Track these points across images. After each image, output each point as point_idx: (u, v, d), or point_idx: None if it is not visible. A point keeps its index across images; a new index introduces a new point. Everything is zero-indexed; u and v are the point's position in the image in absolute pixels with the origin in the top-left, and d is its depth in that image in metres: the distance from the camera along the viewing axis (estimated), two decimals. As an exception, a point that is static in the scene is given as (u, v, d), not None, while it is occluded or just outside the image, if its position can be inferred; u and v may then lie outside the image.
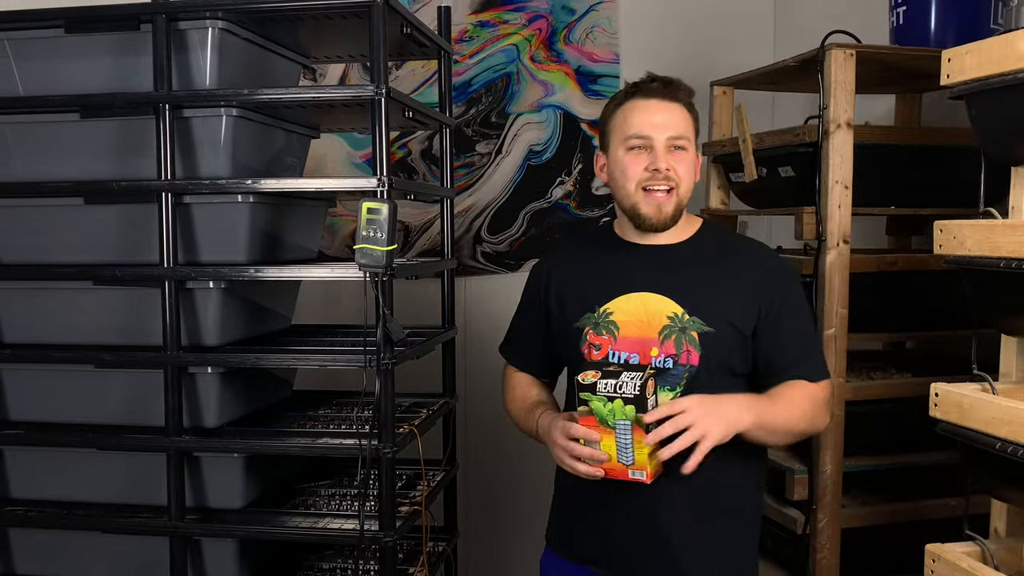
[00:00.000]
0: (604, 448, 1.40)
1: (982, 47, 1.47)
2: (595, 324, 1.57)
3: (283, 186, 1.76)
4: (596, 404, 1.40)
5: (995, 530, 1.62)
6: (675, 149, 1.54)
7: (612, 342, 1.55)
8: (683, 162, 1.54)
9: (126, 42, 1.73)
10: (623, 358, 1.54)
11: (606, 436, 1.40)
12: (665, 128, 1.53)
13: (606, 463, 1.41)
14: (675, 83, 1.57)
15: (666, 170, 1.52)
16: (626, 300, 1.56)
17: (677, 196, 1.55)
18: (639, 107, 1.56)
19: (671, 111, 1.55)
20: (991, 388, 1.53)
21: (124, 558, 1.85)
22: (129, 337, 1.82)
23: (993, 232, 1.46)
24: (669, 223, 1.56)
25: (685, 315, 1.52)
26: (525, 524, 2.91)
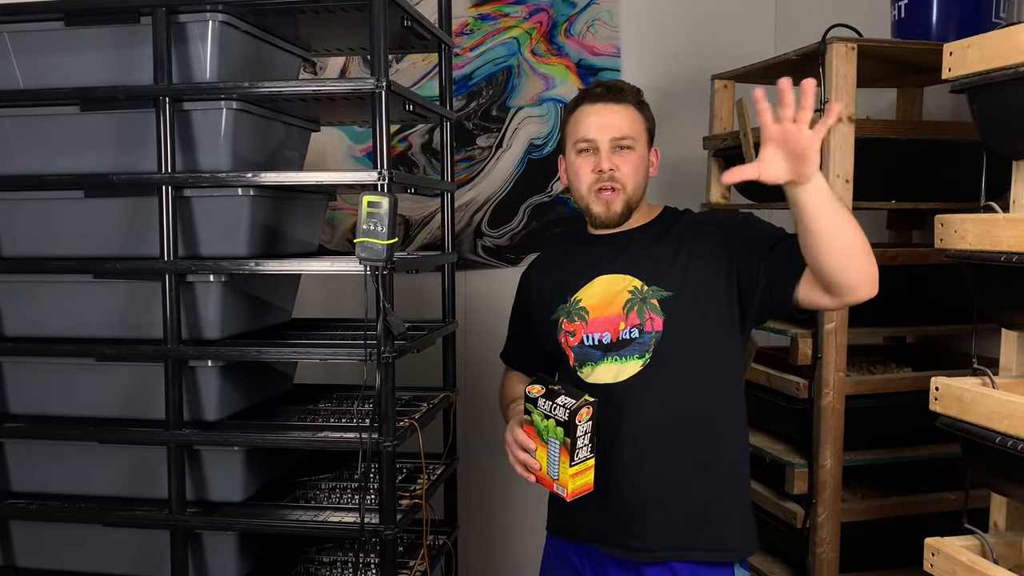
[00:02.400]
0: (538, 458, 1.50)
1: (984, 41, 1.46)
2: (567, 313, 1.66)
3: (283, 179, 1.75)
4: (536, 417, 1.49)
5: (995, 524, 1.63)
6: (620, 149, 1.62)
7: (584, 327, 1.63)
8: (628, 162, 1.62)
9: (126, 35, 1.73)
10: (596, 339, 1.61)
11: (541, 448, 1.49)
12: (608, 129, 1.61)
13: (538, 471, 1.51)
14: (619, 86, 1.67)
15: (610, 170, 1.60)
16: (591, 286, 1.65)
17: (625, 194, 1.62)
18: (586, 112, 1.64)
19: (615, 113, 1.63)
20: (991, 382, 1.53)
21: (125, 551, 1.85)
22: (130, 330, 1.82)
23: (994, 226, 1.46)
24: (620, 219, 1.64)
25: (644, 286, 1.60)
26: (525, 517, 2.92)
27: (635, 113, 1.65)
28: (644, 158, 1.66)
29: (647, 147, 1.67)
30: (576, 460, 1.46)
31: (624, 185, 1.62)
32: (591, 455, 1.48)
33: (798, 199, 1.37)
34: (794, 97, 1.29)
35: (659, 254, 1.63)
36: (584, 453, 1.47)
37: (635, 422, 1.57)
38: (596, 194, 1.63)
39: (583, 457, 1.47)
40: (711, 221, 1.71)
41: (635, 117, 1.65)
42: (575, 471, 1.46)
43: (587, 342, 1.62)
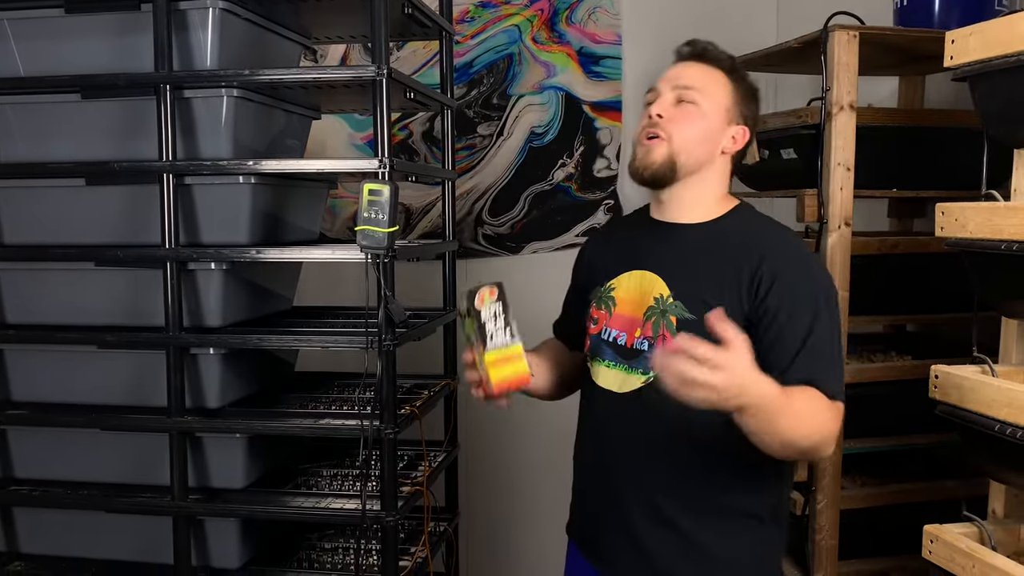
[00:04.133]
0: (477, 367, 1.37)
1: (986, 29, 1.46)
2: (599, 298, 1.54)
3: (284, 167, 1.75)
4: (466, 328, 1.38)
5: (993, 511, 1.64)
6: (680, 102, 1.44)
7: (607, 318, 1.51)
8: (684, 113, 1.44)
9: (127, 22, 1.73)
10: (612, 336, 1.50)
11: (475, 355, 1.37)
12: (675, 79, 1.47)
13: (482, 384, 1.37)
14: (709, 47, 1.50)
15: (657, 115, 1.44)
16: (628, 276, 1.50)
17: (669, 147, 1.43)
18: (670, 69, 1.51)
19: (688, 67, 1.48)
20: (991, 370, 1.54)
21: (128, 537, 1.86)
22: (131, 318, 1.82)
23: (995, 215, 1.46)
24: (658, 174, 1.44)
25: (669, 298, 1.43)
26: (526, 504, 2.93)
27: (716, 75, 1.47)
28: (709, 121, 1.44)
29: (723, 115, 1.46)
30: (491, 346, 1.33)
31: (671, 136, 1.43)
32: (511, 340, 1.34)
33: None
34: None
35: (702, 268, 1.42)
36: (500, 338, 1.33)
37: (630, 440, 1.45)
38: (640, 146, 1.46)
39: (499, 343, 1.33)
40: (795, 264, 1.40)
41: (713, 78, 1.46)
42: (493, 358, 1.33)
43: (603, 336, 1.51)
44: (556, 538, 1.74)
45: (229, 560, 1.82)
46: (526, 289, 2.90)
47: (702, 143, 1.45)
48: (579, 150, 2.90)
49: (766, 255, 1.39)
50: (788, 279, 1.37)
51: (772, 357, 1.32)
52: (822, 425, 1.30)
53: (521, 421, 2.89)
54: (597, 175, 2.91)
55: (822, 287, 1.40)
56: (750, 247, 1.41)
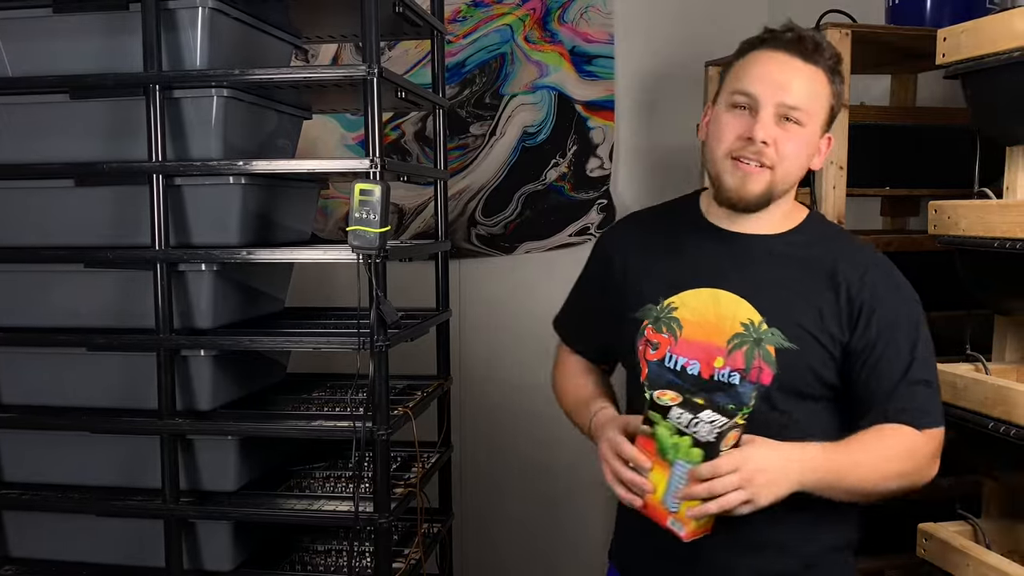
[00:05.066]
0: (653, 480, 1.20)
1: (978, 26, 1.46)
2: (656, 319, 1.34)
3: (275, 167, 1.74)
4: (662, 430, 1.19)
5: (987, 509, 1.64)
6: (786, 120, 1.26)
7: (672, 343, 1.33)
8: (792, 138, 1.27)
9: (115, 22, 1.71)
10: (680, 365, 1.31)
11: (659, 468, 1.19)
12: (779, 91, 1.26)
13: (649, 496, 1.21)
14: (818, 41, 1.30)
15: (763, 143, 1.25)
16: (695, 295, 1.32)
17: (772, 176, 1.28)
18: (761, 59, 1.29)
19: (798, 72, 1.27)
20: (984, 368, 1.54)
21: (119, 541, 1.85)
22: (121, 320, 1.81)
23: (987, 212, 1.46)
24: (755, 204, 1.30)
25: (763, 324, 1.28)
26: (520, 505, 2.93)
27: (824, 82, 1.29)
28: (812, 141, 1.30)
29: (822, 129, 1.31)
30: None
31: (776, 164, 1.27)
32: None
33: None
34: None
35: (797, 291, 1.30)
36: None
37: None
38: (734, 163, 1.28)
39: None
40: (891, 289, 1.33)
41: (822, 87, 1.29)
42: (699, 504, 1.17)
43: (668, 363, 1.32)
44: (549, 539, 1.73)
45: (221, 563, 1.81)
46: (520, 289, 2.92)
47: (802, 167, 1.32)
48: (572, 150, 2.89)
49: (864, 279, 1.30)
50: (889, 305, 1.29)
51: (872, 387, 1.27)
52: (904, 463, 1.27)
53: (514, 422, 2.88)
54: (590, 174, 2.90)
55: (917, 309, 1.33)
56: (843, 268, 1.31)
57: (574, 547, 2.85)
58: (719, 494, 1.14)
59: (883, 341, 1.27)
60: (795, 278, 1.31)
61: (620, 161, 2.92)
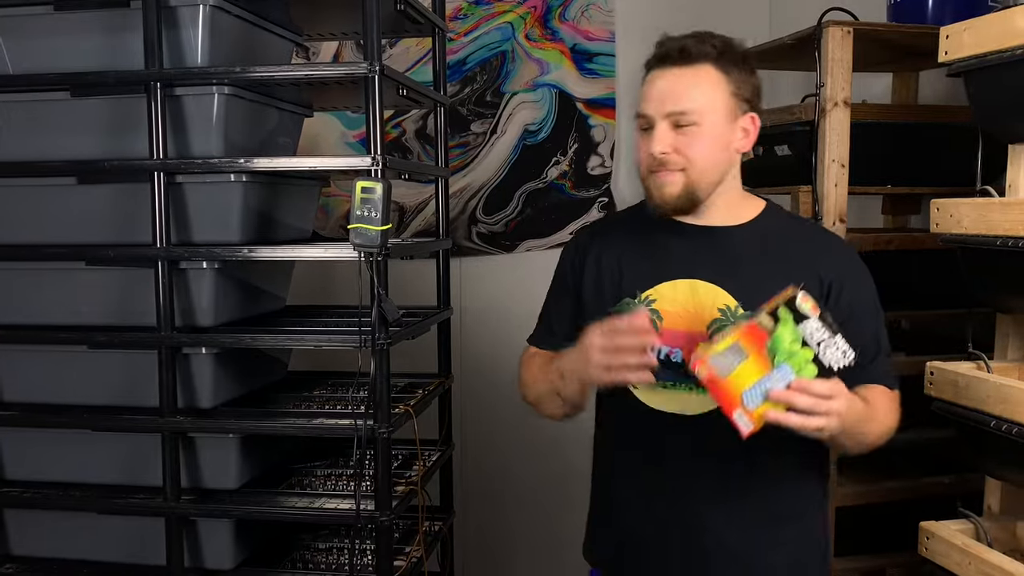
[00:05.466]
0: (742, 371, 1.16)
1: (980, 24, 1.46)
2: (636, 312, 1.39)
3: (276, 165, 1.74)
4: (785, 332, 1.16)
5: (988, 507, 1.64)
6: (680, 126, 1.32)
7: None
8: (692, 140, 1.32)
9: (116, 19, 1.71)
10: (663, 353, 1.35)
11: (758, 362, 1.16)
12: (662, 103, 1.33)
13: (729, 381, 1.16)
14: (685, 46, 1.34)
15: (662, 153, 1.33)
16: (672, 287, 1.37)
17: (686, 176, 1.34)
18: (650, 80, 1.37)
19: (677, 80, 1.33)
20: (986, 367, 1.54)
21: (120, 538, 1.85)
22: (123, 318, 1.81)
23: (990, 210, 1.46)
24: (676, 205, 1.36)
25: (739, 309, 1.34)
26: (520, 503, 2.93)
27: (711, 74, 1.33)
28: (718, 134, 1.34)
29: (729, 116, 1.35)
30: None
31: (685, 167, 1.33)
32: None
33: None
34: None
35: (768, 275, 1.33)
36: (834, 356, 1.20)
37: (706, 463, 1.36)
38: (652, 176, 1.36)
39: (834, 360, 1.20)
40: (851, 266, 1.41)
41: (709, 81, 1.33)
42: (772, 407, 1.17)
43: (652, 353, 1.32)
44: (550, 537, 1.73)
45: (223, 561, 1.81)
46: (520, 287, 2.91)
47: (718, 160, 1.36)
48: (573, 148, 2.89)
49: (829, 260, 1.39)
50: (854, 284, 1.39)
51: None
52: (891, 419, 1.37)
53: (515, 420, 2.88)
54: (591, 172, 2.90)
55: (874, 285, 1.44)
56: (809, 252, 1.40)
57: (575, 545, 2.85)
58: (815, 412, 1.17)
59: (853, 317, 1.34)
60: (764, 263, 1.38)
61: (621, 159, 2.92)
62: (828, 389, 1.18)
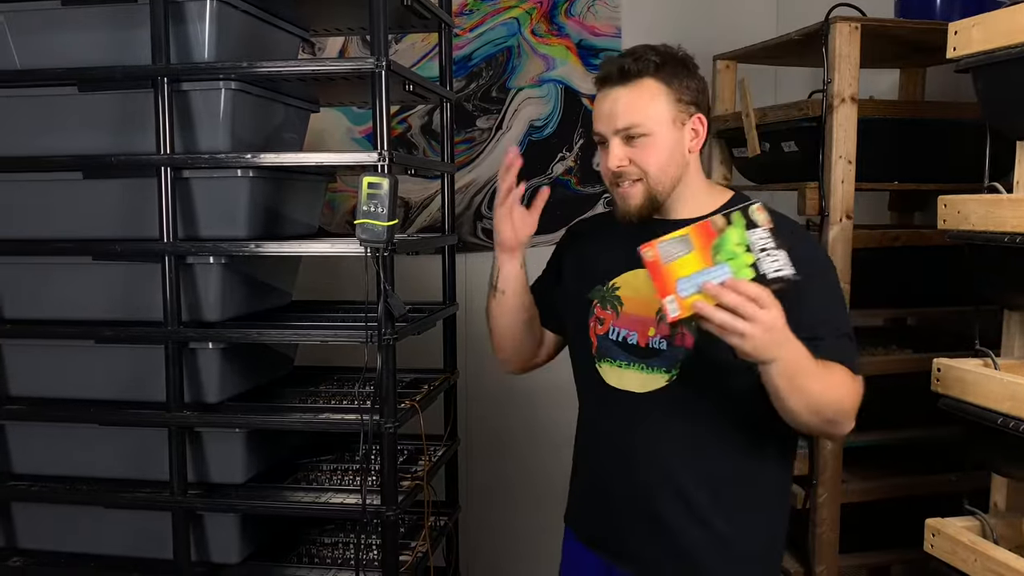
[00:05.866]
0: (684, 261, 1.23)
1: (989, 19, 1.46)
2: (602, 298, 1.53)
3: (283, 160, 1.74)
4: (733, 234, 1.21)
5: (995, 505, 1.63)
6: (630, 139, 1.43)
7: (614, 318, 1.51)
8: (644, 149, 1.42)
9: (123, 14, 1.71)
10: (622, 336, 1.49)
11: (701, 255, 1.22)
12: (611, 121, 1.44)
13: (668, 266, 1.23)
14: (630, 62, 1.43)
15: (618, 166, 1.43)
16: (634, 275, 1.48)
17: (645, 184, 1.44)
18: (598, 100, 1.48)
19: (618, 98, 1.43)
20: (993, 364, 1.53)
21: (127, 532, 1.85)
22: (129, 313, 1.81)
23: (998, 207, 1.45)
24: (641, 213, 1.46)
25: None
26: (526, 498, 2.93)
27: (652, 88, 1.42)
28: (666, 139, 1.43)
29: (676, 122, 1.44)
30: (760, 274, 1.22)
31: (642, 176, 1.44)
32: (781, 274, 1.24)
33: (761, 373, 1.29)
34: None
35: None
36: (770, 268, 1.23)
37: (658, 438, 1.46)
38: (615, 190, 1.48)
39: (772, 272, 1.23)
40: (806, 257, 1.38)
41: (646, 95, 1.42)
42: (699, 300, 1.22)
43: (612, 336, 1.51)
44: (556, 531, 1.73)
45: (229, 555, 1.81)
46: (526, 283, 2.91)
47: (671, 163, 1.45)
48: (578, 143, 2.89)
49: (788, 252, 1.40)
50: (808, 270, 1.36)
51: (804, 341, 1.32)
52: (849, 395, 1.36)
53: (521, 415, 2.88)
54: (596, 168, 2.89)
55: (833, 271, 1.49)
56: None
57: (579, 541, 2.86)
58: (738, 313, 1.20)
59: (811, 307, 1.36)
60: None
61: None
62: (756, 292, 1.20)
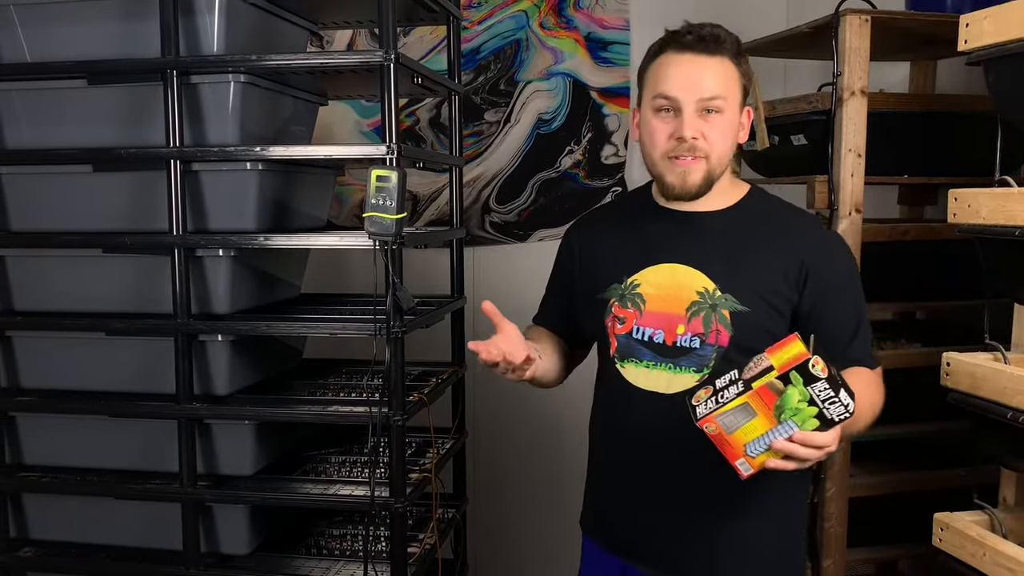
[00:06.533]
0: (748, 427, 1.22)
1: (1001, 12, 1.45)
2: (621, 296, 1.48)
3: (292, 153, 1.75)
4: (793, 392, 1.20)
5: (1004, 499, 1.63)
6: (708, 112, 1.38)
7: (637, 316, 1.46)
8: (716, 127, 1.39)
9: (133, 7, 1.71)
10: (647, 335, 1.44)
11: (764, 418, 1.22)
12: (695, 89, 1.37)
13: (735, 435, 1.23)
14: (715, 34, 1.40)
15: (692, 139, 1.37)
16: (655, 271, 1.45)
17: (708, 164, 1.40)
18: (671, 62, 1.40)
19: (706, 67, 1.38)
20: (1003, 358, 1.53)
21: (137, 523, 1.86)
22: (139, 305, 1.82)
23: (1009, 200, 1.45)
24: (698, 192, 1.42)
25: (716, 291, 1.40)
26: (534, 491, 2.93)
27: (730, 68, 1.40)
28: (734, 122, 1.41)
29: (739, 108, 1.42)
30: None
31: (708, 154, 1.39)
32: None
33: None
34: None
35: (744, 257, 1.42)
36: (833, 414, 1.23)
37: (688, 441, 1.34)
38: (671, 161, 1.40)
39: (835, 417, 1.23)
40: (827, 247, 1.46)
41: (730, 73, 1.39)
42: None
43: (636, 335, 1.46)
44: (563, 523, 1.74)
45: (238, 546, 1.82)
46: (533, 277, 2.90)
47: (731, 148, 1.43)
48: (587, 137, 2.88)
49: (805, 242, 1.44)
50: (829, 262, 1.43)
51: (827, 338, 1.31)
52: (878, 401, 1.40)
53: (528, 408, 2.89)
54: (605, 162, 2.89)
55: (854, 265, 1.49)
56: (786, 234, 1.45)
57: (587, 534, 2.87)
58: (809, 460, 1.22)
59: (831, 296, 1.40)
60: (744, 247, 1.43)
61: (635, 148, 2.90)
62: (823, 440, 1.19)
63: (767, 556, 1.46)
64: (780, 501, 1.47)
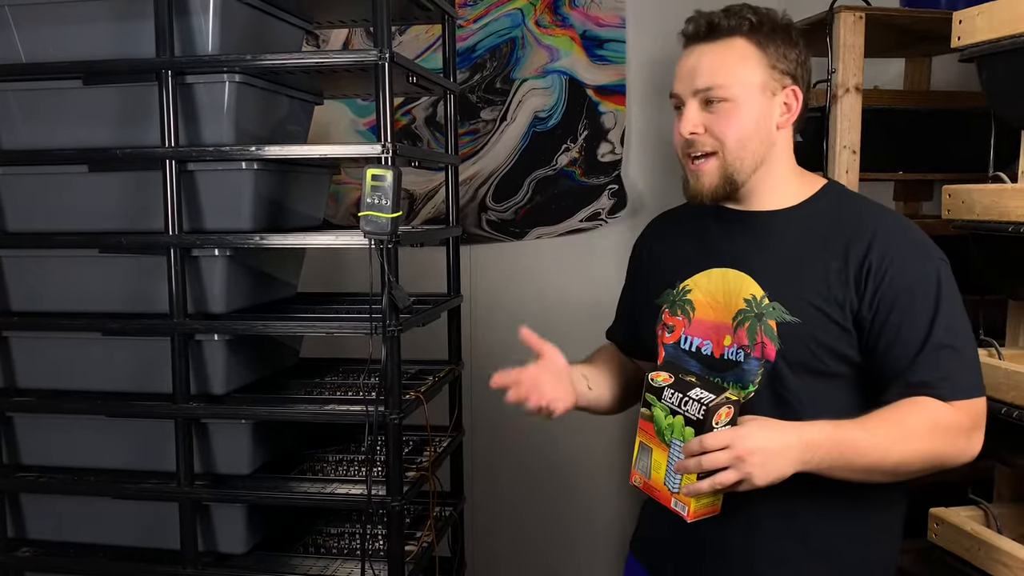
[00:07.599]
0: (656, 461, 1.20)
1: (993, 8, 1.45)
2: (672, 302, 1.36)
3: (287, 153, 1.75)
4: (658, 412, 1.20)
5: (999, 494, 1.64)
6: (711, 103, 1.26)
7: (686, 325, 1.34)
8: (723, 116, 1.26)
9: (127, 7, 1.71)
10: (695, 345, 1.32)
11: (659, 450, 1.20)
12: (689, 80, 1.28)
13: (653, 478, 1.21)
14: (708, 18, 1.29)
15: (691, 134, 1.27)
16: (707, 276, 1.32)
17: (721, 160, 1.27)
18: (680, 59, 1.31)
19: (702, 55, 1.28)
20: (998, 354, 1.53)
21: (134, 523, 1.87)
22: (135, 305, 1.82)
23: (1002, 196, 1.45)
24: (717, 193, 1.29)
25: (764, 299, 1.25)
26: (531, 489, 2.94)
27: (744, 48, 1.26)
28: (751, 108, 1.26)
29: (763, 91, 1.27)
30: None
31: (718, 148, 1.27)
32: None
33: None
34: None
35: (800, 262, 1.26)
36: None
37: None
38: (688, 162, 1.30)
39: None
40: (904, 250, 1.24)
41: (739, 54, 1.26)
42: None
43: (684, 345, 1.34)
44: (560, 522, 1.74)
45: (235, 545, 1.83)
46: (530, 275, 2.92)
47: (754, 137, 1.27)
48: (583, 135, 2.88)
49: (873, 242, 1.23)
50: (900, 266, 1.21)
51: (891, 357, 1.20)
52: (932, 441, 1.17)
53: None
54: (601, 160, 2.89)
55: (938, 267, 1.23)
56: (852, 233, 1.25)
57: (585, 531, 2.87)
58: (709, 470, 1.11)
59: (898, 305, 1.19)
60: (802, 250, 1.27)
61: (631, 146, 2.91)
62: (711, 441, 1.10)
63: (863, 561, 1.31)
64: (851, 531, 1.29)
